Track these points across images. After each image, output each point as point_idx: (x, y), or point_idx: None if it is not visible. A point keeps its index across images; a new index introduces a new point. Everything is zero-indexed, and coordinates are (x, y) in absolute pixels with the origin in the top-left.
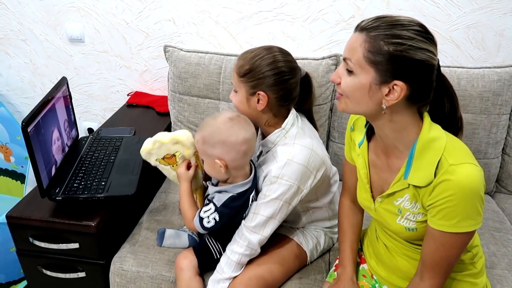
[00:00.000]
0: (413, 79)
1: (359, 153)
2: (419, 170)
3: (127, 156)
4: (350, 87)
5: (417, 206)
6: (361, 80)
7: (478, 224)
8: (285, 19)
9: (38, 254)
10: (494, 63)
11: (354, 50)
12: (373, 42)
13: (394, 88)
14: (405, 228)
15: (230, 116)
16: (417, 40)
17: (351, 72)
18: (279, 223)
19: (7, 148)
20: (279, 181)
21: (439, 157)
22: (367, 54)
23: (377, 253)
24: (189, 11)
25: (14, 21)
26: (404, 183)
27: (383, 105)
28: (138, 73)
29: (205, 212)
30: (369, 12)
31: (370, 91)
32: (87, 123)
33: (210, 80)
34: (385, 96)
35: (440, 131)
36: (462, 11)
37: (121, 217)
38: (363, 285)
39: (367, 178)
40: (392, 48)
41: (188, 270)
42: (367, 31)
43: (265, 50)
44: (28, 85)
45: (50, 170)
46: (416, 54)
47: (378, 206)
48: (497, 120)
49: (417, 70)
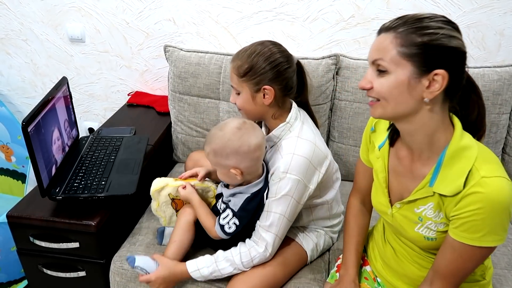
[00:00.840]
0: (451, 67)
1: (378, 155)
2: (446, 179)
3: (127, 156)
4: (387, 87)
5: (440, 215)
6: (397, 77)
7: (502, 240)
8: (285, 19)
9: (39, 254)
10: (494, 62)
11: (384, 49)
12: (404, 37)
13: (434, 79)
14: (424, 237)
15: (237, 126)
16: (447, 29)
17: (384, 72)
18: (290, 223)
19: (8, 148)
20: (288, 176)
21: (470, 167)
22: (401, 49)
23: (383, 256)
24: (189, 11)
25: (15, 21)
26: (428, 190)
27: (426, 99)
28: (138, 73)
29: (224, 219)
30: (369, 12)
31: (409, 86)
32: (87, 122)
33: (210, 80)
34: (426, 89)
35: (471, 139)
36: (462, 10)
37: (121, 216)
38: (365, 287)
39: (385, 183)
40: (427, 39)
41: (187, 215)
42: (393, 29)
43: (259, 45)
44: (29, 85)
45: (50, 169)
46: (450, 42)
47: (396, 212)
48: (497, 120)
49: (454, 57)
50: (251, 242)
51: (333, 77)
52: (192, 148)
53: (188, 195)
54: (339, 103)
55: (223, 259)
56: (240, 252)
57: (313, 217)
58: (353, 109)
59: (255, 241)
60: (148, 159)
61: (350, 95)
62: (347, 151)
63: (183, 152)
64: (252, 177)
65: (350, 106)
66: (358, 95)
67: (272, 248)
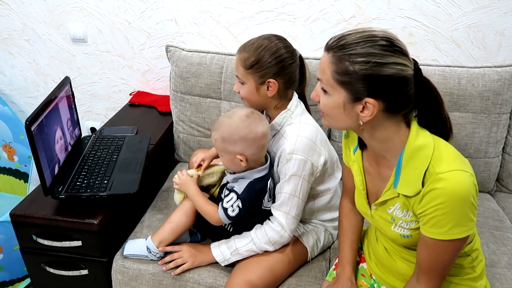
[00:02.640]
0: (385, 94)
1: (354, 159)
2: (407, 180)
3: (129, 155)
4: (327, 106)
5: (409, 214)
6: (335, 99)
7: (470, 230)
8: (286, 19)
9: (42, 252)
10: (494, 62)
11: (323, 71)
12: (338, 63)
13: (367, 105)
14: (400, 235)
15: (246, 114)
16: (382, 55)
17: (326, 92)
18: (302, 203)
19: (11, 147)
20: (294, 156)
21: (426, 166)
22: (335, 75)
23: (376, 254)
24: (190, 11)
25: (17, 21)
26: (394, 192)
27: (360, 121)
28: (140, 73)
29: (228, 202)
30: (370, 12)
31: (345, 109)
32: (89, 122)
33: (212, 80)
34: (360, 112)
35: (427, 138)
36: (463, 10)
37: (123, 215)
38: (362, 284)
39: (363, 185)
40: (358, 68)
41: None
42: (333, 51)
43: (265, 40)
44: (31, 85)
45: (53, 168)
46: (383, 70)
47: (374, 213)
48: (498, 119)
49: (388, 85)
50: (267, 220)
51: None
52: (194, 148)
53: (184, 185)
54: None
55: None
56: (256, 228)
57: (315, 208)
58: None
59: (270, 219)
60: (150, 159)
61: None
62: None
63: (185, 152)
64: (256, 165)
65: None
66: None
67: (287, 226)
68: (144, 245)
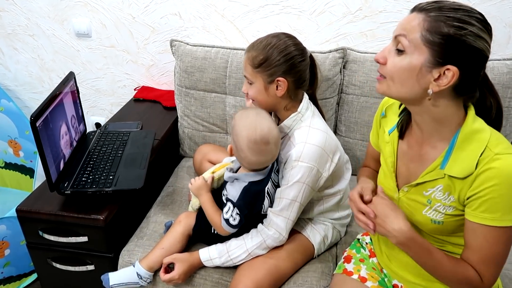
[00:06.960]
0: (466, 67)
1: (388, 140)
2: (458, 161)
3: (134, 150)
4: (398, 68)
5: (450, 198)
6: (412, 61)
7: None
8: (291, 12)
9: (48, 247)
10: (503, 55)
11: (410, 28)
12: (433, 22)
13: (445, 73)
14: (431, 220)
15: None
16: (478, 27)
17: (402, 52)
18: (302, 207)
19: (16, 143)
20: (300, 164)
21: (483, 148)
22: (425, 33)
23: (390, 248)
24: (195, 5)
25: (21, 17)
26: (439, 173)
27: (430, 90)
28: (144, 68)
29: (227, 213)
30: (376, 5)
31: (419, 73)
32: (94, 117)
33: (217, 74)
34: (433, 80)
35: (484, 124)
36: (472, 2)
37: (129, 210)
38: (373, 276)
39: (393, 167)
40: (453, 31)
41: (183, 226)
42: (425, 12)
43: (274, 37)
44: (36, 80)
45: (58, 164)
46: (475, 41)
47: (403, 195)
48: (507, 113)
49: (473, 58)
50: (262, 226)
51: (340, 70)
52: (199, 143)
53: (198, 190)
54: (346, 97)
55: (235, 247)
56: (252, 237)
57: (324, 208)
58: (360, 103)
59: (265, 225)
60: (155, 154)
61: (358, 89)
62: (354, 145)
63: (190, 147)
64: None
65: (357, 100)
66: (366, 89)
67: (286, 230)
68: (133, 272)
